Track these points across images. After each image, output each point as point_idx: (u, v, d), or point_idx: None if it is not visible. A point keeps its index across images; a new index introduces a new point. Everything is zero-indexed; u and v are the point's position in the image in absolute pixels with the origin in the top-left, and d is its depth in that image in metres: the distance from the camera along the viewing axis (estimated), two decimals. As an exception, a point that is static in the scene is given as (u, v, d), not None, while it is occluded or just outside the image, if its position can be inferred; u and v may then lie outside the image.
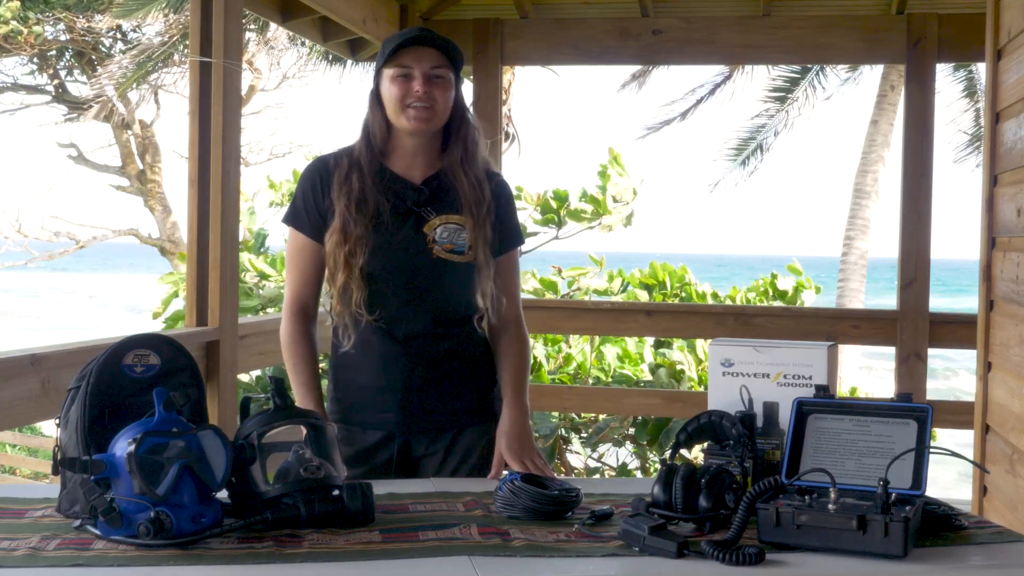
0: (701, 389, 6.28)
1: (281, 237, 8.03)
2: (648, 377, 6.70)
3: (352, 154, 2.24)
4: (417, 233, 2.20)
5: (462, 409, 2.27)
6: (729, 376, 1.94)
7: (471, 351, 2.28)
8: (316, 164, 2.28)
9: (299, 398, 2.23)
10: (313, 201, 2.23)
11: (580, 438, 6.75)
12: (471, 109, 2.35)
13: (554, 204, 8.26)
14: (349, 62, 10.46)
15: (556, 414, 6.49)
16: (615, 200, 8.19)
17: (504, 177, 2.38)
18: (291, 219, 2.27)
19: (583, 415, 6.55)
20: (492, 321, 2.25)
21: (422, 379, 2.22)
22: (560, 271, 7.95)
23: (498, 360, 2.33)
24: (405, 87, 2.16)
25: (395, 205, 2.20)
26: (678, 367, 6.61)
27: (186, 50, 8.27)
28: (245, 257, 7.17)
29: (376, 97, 2.22)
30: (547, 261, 9.31)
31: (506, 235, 2.30)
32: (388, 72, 2.18)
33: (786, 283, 7.82)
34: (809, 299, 7.87)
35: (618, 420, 6.41)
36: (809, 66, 13.97)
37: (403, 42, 2.17)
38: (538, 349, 6.92)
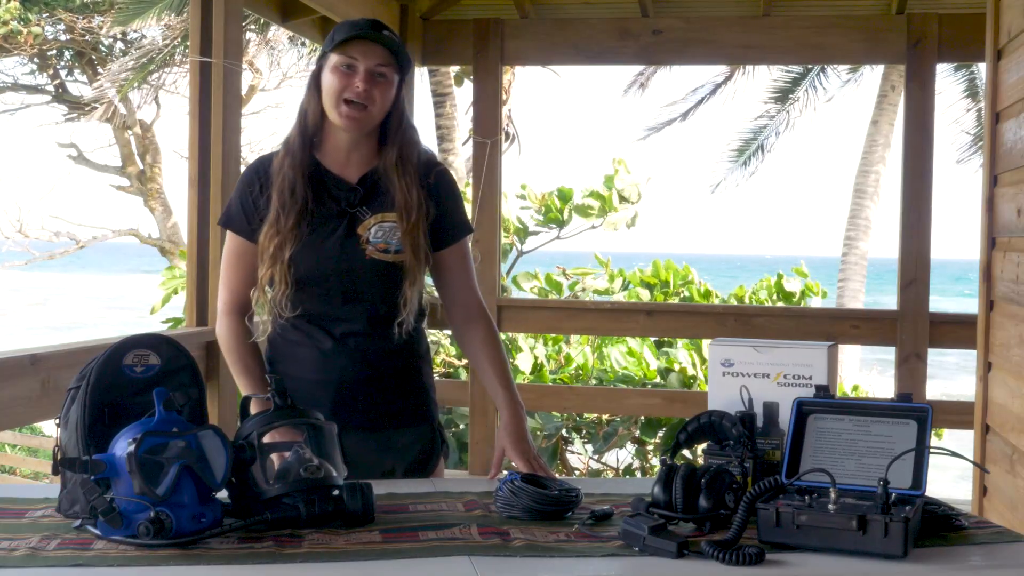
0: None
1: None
2: (656, 380, 6.71)
3: (287, 143, 2.21)
4: (351, 235, 2.17)
5: (397, 410, 2.26)
6: (729, 376, 1.94)
7: (407, 352, 2.27)
8: (256, 164, 2.26)
9: (251, 391, 2.19)
10: (252, 202, 2.21)
11: (582, 439, 6.75)
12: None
13: (558, 203, 8.26)
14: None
15: (558, 414, 6.49)
16: (622, 199, 8.19)
17: (445, 167, 2.34)
18: (227, 222, 2.25)
19: (586, 415, 6.55)
20: (411, 327, 2.23)
21: (357, 376, 2.21)
22: (565, 271, 7.94)
23: (472, 357, 2.31)
24: (346, 80, 2.13)
25: (329, 206, 2.18)
26: (689, 373, 6.61)
27: (186, 50, 8.28)
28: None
29: (315, 81, 2.19)
30: (548, 261, 9.31)
31: (452, 227, 2.27)
32: (332, 59, 2.15)
33: (793, 285, 7.81)
34: (814, 304, 7.87)
35: (626, 425, 6.41)
36: (810, 66, 13.98)
37: (354, 34, 2.14)
38: (538, 349, 6.92)
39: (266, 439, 1.93)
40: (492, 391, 2.27)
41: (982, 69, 11.58)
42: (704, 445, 1.86)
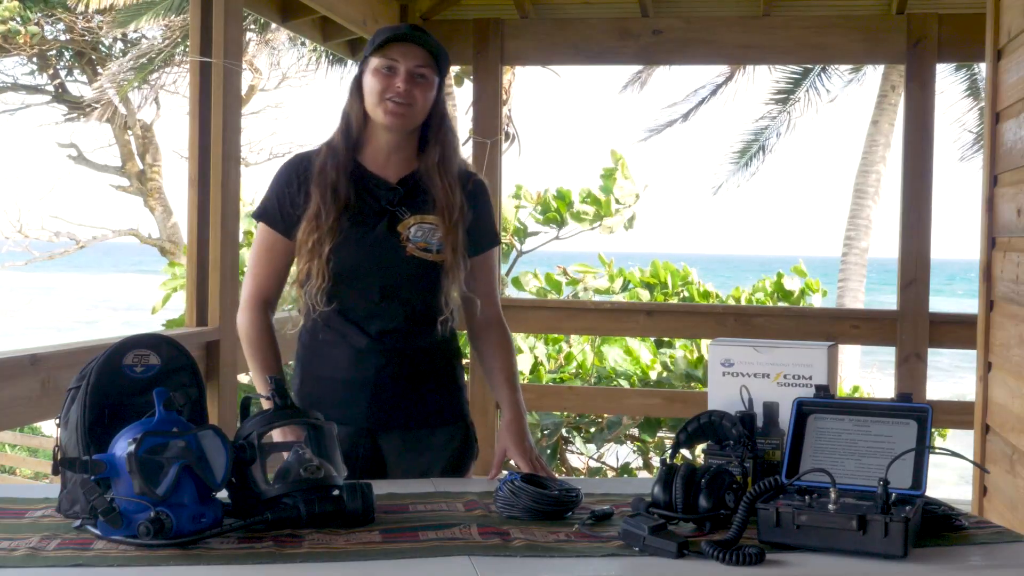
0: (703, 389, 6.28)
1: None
2: (657, 371, 6.72)
3: (330, 144, 2.24)
4: (391, 232, 2.19)
5: (434, 409, 2.27)
6: (729, 376, 1.94)
7: (443, 351, 2.28)
8: (294, 160, 2.28)
9: (266, 388, 2.20)
10: (288, 198, 2.22)
11: (583, 437, 6.76)
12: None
13: (555, 204, 8.27)
14: (349, 62, 10.47)
15: (558, 413, 6.49)
16: (618, 203, 8.20)
17: (481, 177, 2.37)
18: (262, 215, 2.26)
19: (586, 415, 6.55)
20: (452, 325, 2.26)
21: (394, 375, 2.21)
22: (565, 271, 7.95)
23: (484, 361, 2.33)
24: (387, 81, 2.16)
25: (369, 204, 2.20)
26: (694, 356, 6.62)
27: (186, 50, 8.28)
28: (245, 254, 7.16)
29: (358, 85, 2.22)
30: (548, 261, 9.31)
31: (483, 236, 2.30)
32: (373, 62, 2.18)
33: (793, 284, 7.81)
34: (814, 303, 7.87)
35: (630, 417, 6.42)
36: (810, 67, 13.98)
37: (393, 36, 2.17)
38: (538, 349, 6.92)
39: (276, 437, 1.94)
40: (498, 392, 2.30)
41: (983, 68, 11.59)
42: (704, 445, 1.86)
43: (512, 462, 2.23)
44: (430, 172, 2.22)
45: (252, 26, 11.55)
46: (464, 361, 2.38)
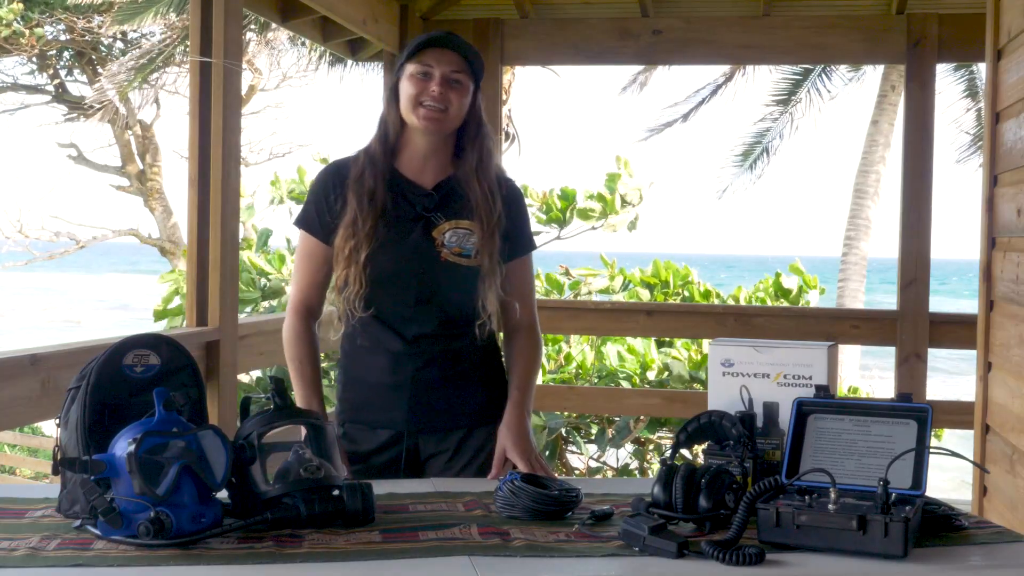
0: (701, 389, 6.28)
1: (283, 236, 8.04)
2: (656, 370, 6.72)
3: (368, 151, 2.26)
4: (426, 237, 2.21)
5: (471, 410, 2.29)
6: (729, 376, 1.94)
7: (480, 353, 2.29)
8: (332, 168, 2.31)
9: (302, 395, 2.24)
10: (325, 205, 2.25)
11: (582, 437, 6.75)
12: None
13: (559, 204, 8.26)
14: (349, 62, 10.46)
15: (559, 414, 6.49)
16: (624, 201, 8.19)
17: (515, 182, 2.39)
18: (302, 222, 2.29)
19: (588, 415, 6.55)
20: (491, 328, 2.27)
21: (431, 378, 2.24)
22: (567, 271, 7.95)
23: (509, 361, 2.35)
24: (422, 85, 2.18)
25: (405, 210, 2.22)
26: (694, 359, 6.62)
27: (186, 50, 8.27)
28: (245, 255, 7.18)
29: (394, 92, 2.25)
30: (549, 260, 9.31)
31: (518, 240, 2.32)
32: (409, 68, 2.20)
33: (790, 282, 7.80)
34: (813, 300, 7.86)
35: (634, 419, 6.41)
36: (811, 68, 13.97)
37: (428, 41, 2.20)
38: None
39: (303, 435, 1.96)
40: (509, 392, 2.31)
41: (982, 69, 11.57)
42: (704, 445, 1.86)
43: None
44: (468, 177, 2.24)
45: (252, 26, 11.54)
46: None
